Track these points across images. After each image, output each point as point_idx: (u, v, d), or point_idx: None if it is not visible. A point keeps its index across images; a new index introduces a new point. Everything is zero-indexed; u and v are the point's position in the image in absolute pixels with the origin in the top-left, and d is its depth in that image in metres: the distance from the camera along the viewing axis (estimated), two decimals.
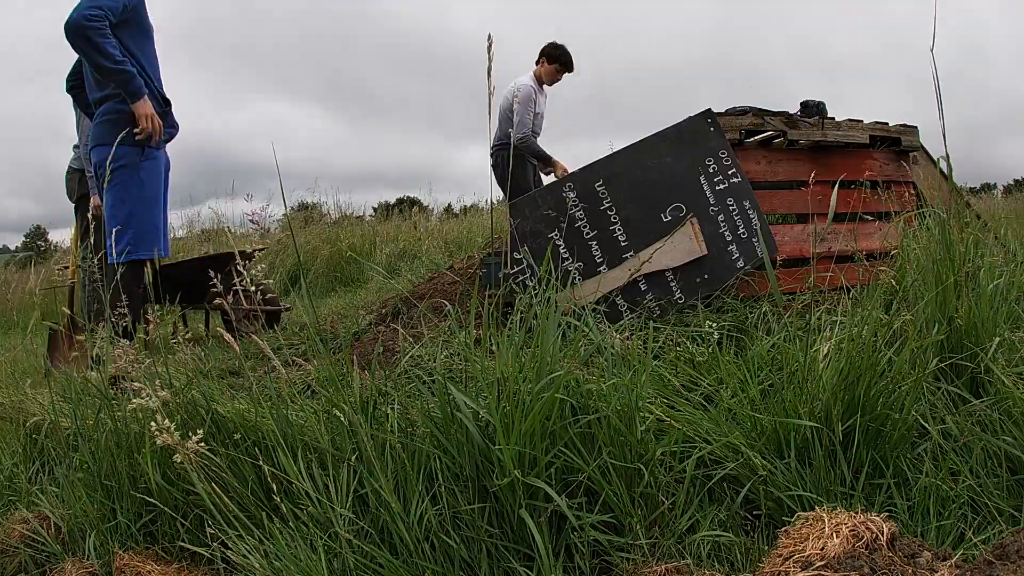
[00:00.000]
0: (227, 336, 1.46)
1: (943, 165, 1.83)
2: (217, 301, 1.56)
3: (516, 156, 4.57)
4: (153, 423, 1.28)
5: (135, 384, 1.43)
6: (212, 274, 1.53)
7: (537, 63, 4.60)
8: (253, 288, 1.51)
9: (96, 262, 2.57)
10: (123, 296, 1.96)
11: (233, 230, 7.84)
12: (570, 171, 3.50)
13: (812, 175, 1.99)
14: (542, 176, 4.79)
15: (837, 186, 1.74)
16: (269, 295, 3.75)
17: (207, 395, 1.56)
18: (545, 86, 4.65)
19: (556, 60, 4.54)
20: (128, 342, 1.75)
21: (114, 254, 2.38)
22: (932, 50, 1.66)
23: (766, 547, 1.32)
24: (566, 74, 4.65)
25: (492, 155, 4.76)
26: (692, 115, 2.73)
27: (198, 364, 1.95)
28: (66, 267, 4.23)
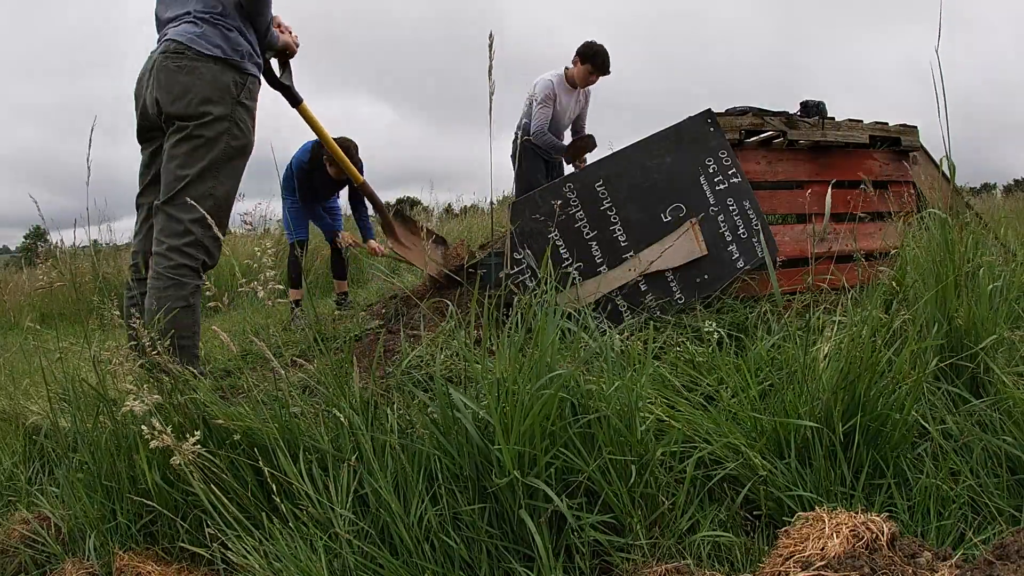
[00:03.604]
0: (224, 336, 1.46)
1: (945, 166, 1.83)
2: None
3: (528, 151, 4.56)
4: (144, 426, 1.28)
5: (127, 386, 1.43)
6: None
7: (573, 62, 4.51)
8: None
9: None
10: None
11: (233, 230, 7.84)
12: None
13: (815, 177, 1.99)
14: (566, 169, 4.76)
15: (831, 188, 1.74)
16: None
17: (197, 401, 1.56)
18: (579, 87, 4.58)
19: (589, 60, 4.43)
20: None
21: None
22: (937, 49, 1.66)
23: (766, 547, 1.32)
24: (601, 76, 4.54)
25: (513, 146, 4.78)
26: (692, 115, 2.73)
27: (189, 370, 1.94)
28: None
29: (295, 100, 2.57)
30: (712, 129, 2.71)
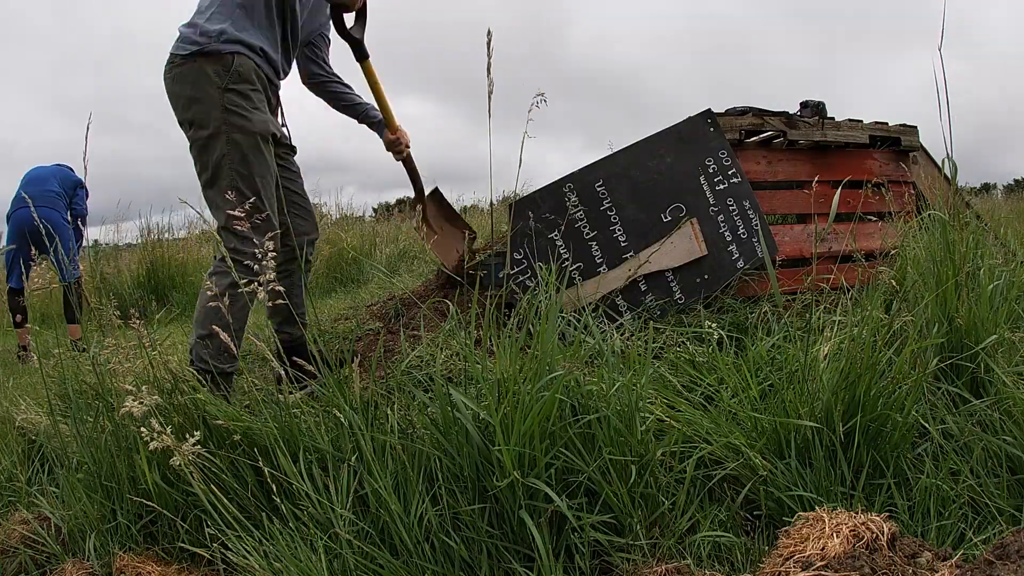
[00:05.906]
0: (224, 336, 1.45)
1: (947, 167, 1.83)
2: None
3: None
4: (144, 428, 1.27)
5: (126, 387, 1.43)
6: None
7: None
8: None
9: None
10: None
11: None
12: None
13: (815, 177, 2.00)
14: None
15: (839, 189, 1.74)
16: None
17: (197, 401, 1.56)
18: None
19: None
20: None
21: None
22: (940, 48, 1.66)
23: (766, 547, 1.32)
24: None
25: None
26: (692, 115, 2.73)
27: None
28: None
29: (361, 55, 2.45)
30: (712, 129, 2.71)
